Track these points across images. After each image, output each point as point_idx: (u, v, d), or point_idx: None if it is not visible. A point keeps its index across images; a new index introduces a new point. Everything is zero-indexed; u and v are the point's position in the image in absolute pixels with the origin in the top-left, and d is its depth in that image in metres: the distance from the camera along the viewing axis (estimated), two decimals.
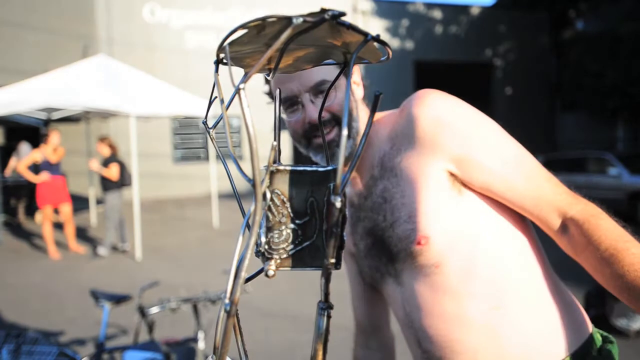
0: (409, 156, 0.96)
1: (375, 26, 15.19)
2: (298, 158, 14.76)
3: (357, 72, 1.08)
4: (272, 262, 0.43)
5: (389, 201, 0.98)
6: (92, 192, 9.47)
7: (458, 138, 0.92)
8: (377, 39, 0.41)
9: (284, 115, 1.03)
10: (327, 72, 0.98)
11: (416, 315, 0.99)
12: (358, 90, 1.07)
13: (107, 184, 7.02)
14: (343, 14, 0.36)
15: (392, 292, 1.06)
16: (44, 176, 6.95)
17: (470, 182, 0.94)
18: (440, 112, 0.93)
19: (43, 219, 7.15)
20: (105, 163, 7.04)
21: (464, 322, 0.94)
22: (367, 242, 1.07)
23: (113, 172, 6.95)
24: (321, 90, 0.98)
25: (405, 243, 0.96)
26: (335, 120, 0.99)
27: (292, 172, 0.43)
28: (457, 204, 0.94)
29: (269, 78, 0.47)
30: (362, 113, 1.05)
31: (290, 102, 1.00)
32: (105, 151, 7.10)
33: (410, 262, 0.98)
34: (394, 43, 15.54)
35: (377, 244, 1.04)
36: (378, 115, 1.08)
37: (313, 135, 1.00)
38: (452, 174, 0.94)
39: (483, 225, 0.96)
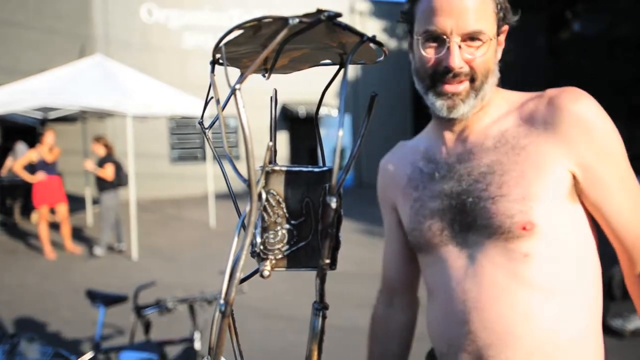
0: (541, 142, 0.95)
1: (373, 27, 15.18)
2: (294, 158, 14.75)
3: (503, 34, 1.03)
4: (268, 262, 0.43)
5: (500, 175, 0.97)
6: (89, 192, 9.44)
7: (595, 146, 0.93)
8: (373, 39, 0.41)
9: (420, 48, 0.98)
10: (487, 24, 0.95)
11: (479, 295, 0.97)
12: (499, 51, 1.03)
13: (102, 184, 7.00)
14: (339, 15, 0.36)
15: (449, 259, 1.03)
16: (40, 176, 6.92)
17: (587, 192, 0.95)
18: (589, 114, 0.93)
19: (39, 219, 7.12)
20: (101, 163, 7.01)
21: (530, 319, 0.93)
22: (444, 203, 1.03)
23: (108, 172, 6.93)
24: (473, 38, 0.95)
25: (505, 221, 0.94)
26: (472, 75, 0.96)
27: (287, 173, 0.43)
28: (568, 207, 0.96)
29: (266, 79, 0.47)
30: (494, 78, 1.01)
31: (435, 37, 0.96)
32: (101, 151, 7.08)
33: (496, 240, 0.96)
34: (392, 44, 15.55)
35: (456, 209, 1.02)
36: (507, 93, 1.06)
37: (440, 80, 0.97)
38: (574, 177, 0.95)
39: (579, 240, 0.97)
